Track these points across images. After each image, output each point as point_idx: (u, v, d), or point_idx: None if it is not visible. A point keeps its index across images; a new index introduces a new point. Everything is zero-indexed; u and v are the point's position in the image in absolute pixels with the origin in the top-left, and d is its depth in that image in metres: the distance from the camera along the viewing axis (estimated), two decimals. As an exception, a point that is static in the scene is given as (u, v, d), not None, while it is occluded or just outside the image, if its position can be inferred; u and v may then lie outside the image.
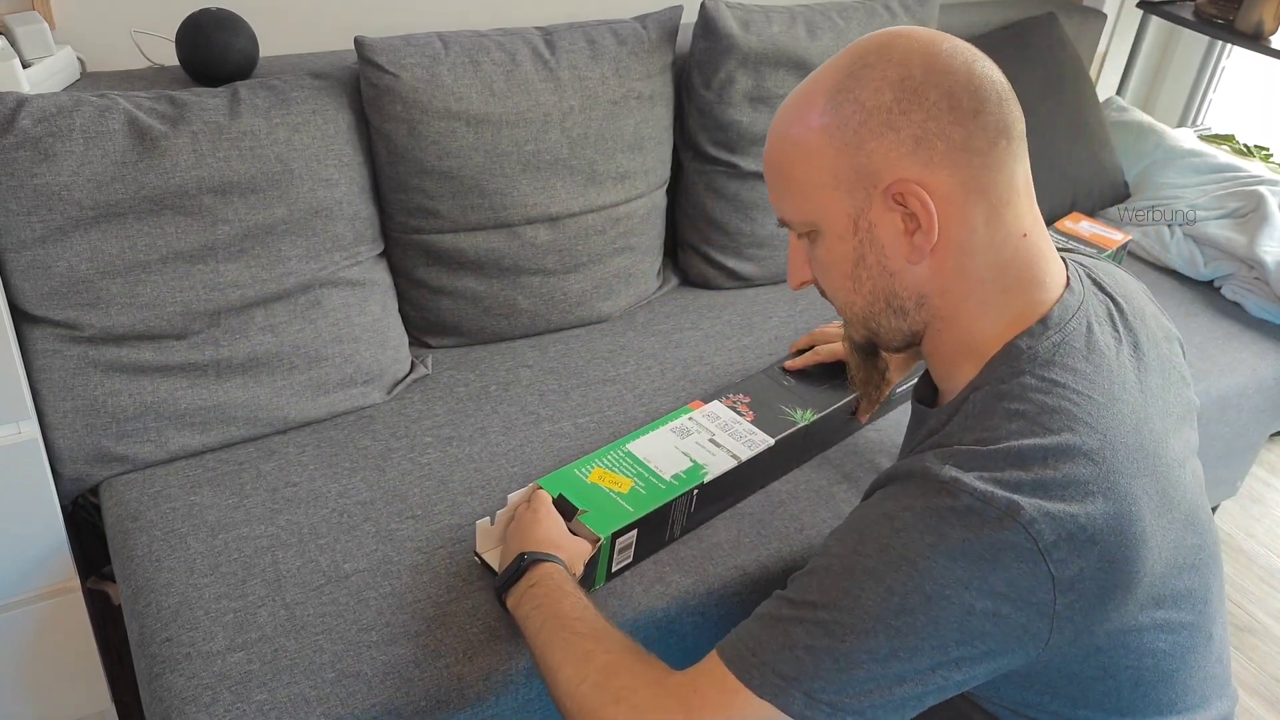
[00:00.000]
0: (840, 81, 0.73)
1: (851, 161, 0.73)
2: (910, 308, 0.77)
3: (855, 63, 0.74)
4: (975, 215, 0.72)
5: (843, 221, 0.75)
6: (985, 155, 0.71)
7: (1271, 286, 1.77)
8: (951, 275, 0.74)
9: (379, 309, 1.38)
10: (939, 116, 0.70)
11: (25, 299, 1.15)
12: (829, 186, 0.74)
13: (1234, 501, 2.10)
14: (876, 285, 0.77)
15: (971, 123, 0.71)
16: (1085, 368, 0.73)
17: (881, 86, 0.71)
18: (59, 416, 1.18)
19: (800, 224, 0.79)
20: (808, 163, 0.75)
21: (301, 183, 1.25)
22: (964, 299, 0.75)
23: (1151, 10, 2.20)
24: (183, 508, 1.16)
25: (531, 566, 0.95)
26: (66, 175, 1.12)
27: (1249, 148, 2.12)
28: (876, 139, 0.72)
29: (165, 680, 0.97)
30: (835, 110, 0.73)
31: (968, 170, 0.71)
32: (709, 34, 1.53)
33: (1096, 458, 0.68)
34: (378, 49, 1.30)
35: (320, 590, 1.06)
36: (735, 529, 1.19)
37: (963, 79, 0.71)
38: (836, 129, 0.73)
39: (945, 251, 0.73)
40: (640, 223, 1.57)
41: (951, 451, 0.70)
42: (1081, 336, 0.74)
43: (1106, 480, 0.68)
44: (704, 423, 1.22)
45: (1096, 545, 0.67)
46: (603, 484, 1.10)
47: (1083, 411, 0.70)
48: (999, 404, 0.72)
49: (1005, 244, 0.74)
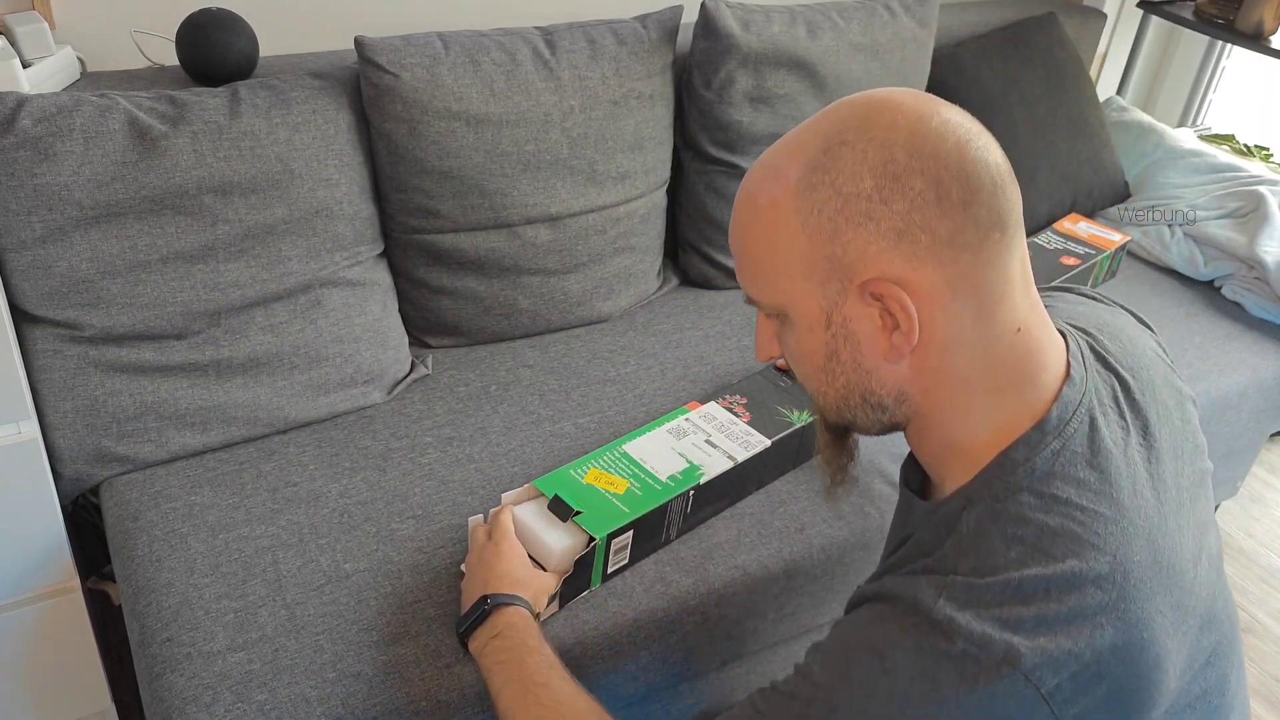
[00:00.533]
0: (815, 159, 0.65)
1: (826, 251, 0.65)
2: (889, 404, 0.70)
3: (833, 137, 0.65)
4: (963, 314, 0.65)
5: (814, 314, 0.68)
6: (976, 251, 0.64)
7: (1272, 286, 1.77)
8: (934, 375, 0.67)
9: (379, 309, 1.38)
10: (924, 208, 0.62)
11: (25, 299, 1.15)
12: (800, 275, 0.67)
13: (1234, 501, 2.10)
14: (851, 381, 0.70)
15: (961, 215, 0.63)
16: (1090, 477, 0.66)
17: (860, 170, 0.63)
18: (59, 416, 1.18)
19: (768, 307, 0.72)
20: (777, 247, 0.67)
21: (302, 183, 1.25)
22: (949, 399, 0.68)
23: (1151, 10, 2.20)
24: (183, 508, 1.16)
25: (495, 611, 0.93)
26: (67, 175, 1.12)
27: (1249, 148, 2.12)
28: (854, 229, 0.64)
29: (166, 680, 0.97)
30: (809, 193, 0.65)
31: (955, 267, 0.64)
32: (709, 34, 1.53)
33: (1105, 585, 0.62)
34: (378, 49, 1.30)
35: (321, 590, 1.07)
36: (735, 529, 1.20)
37: (953, 165, 0.62)
38: (810, 214, 0.65)
39: (928, 350, 0.66)
40: (640, 223, 1.57)
41: (947, 582, 0.64)
42: (1084, 438, 0.67)
43: (1117, 608, 0.62)
44: (700, 424, 1.22)
45: (1105, 680, 0.62)
46: (599, 485, 1.11)
47: (1089, 532, 0.63)
48: (995, 526, 0.65)
49: (997, 342, 0.67)
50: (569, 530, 1.05)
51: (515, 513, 1.06)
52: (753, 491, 1.25)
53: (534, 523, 1.05)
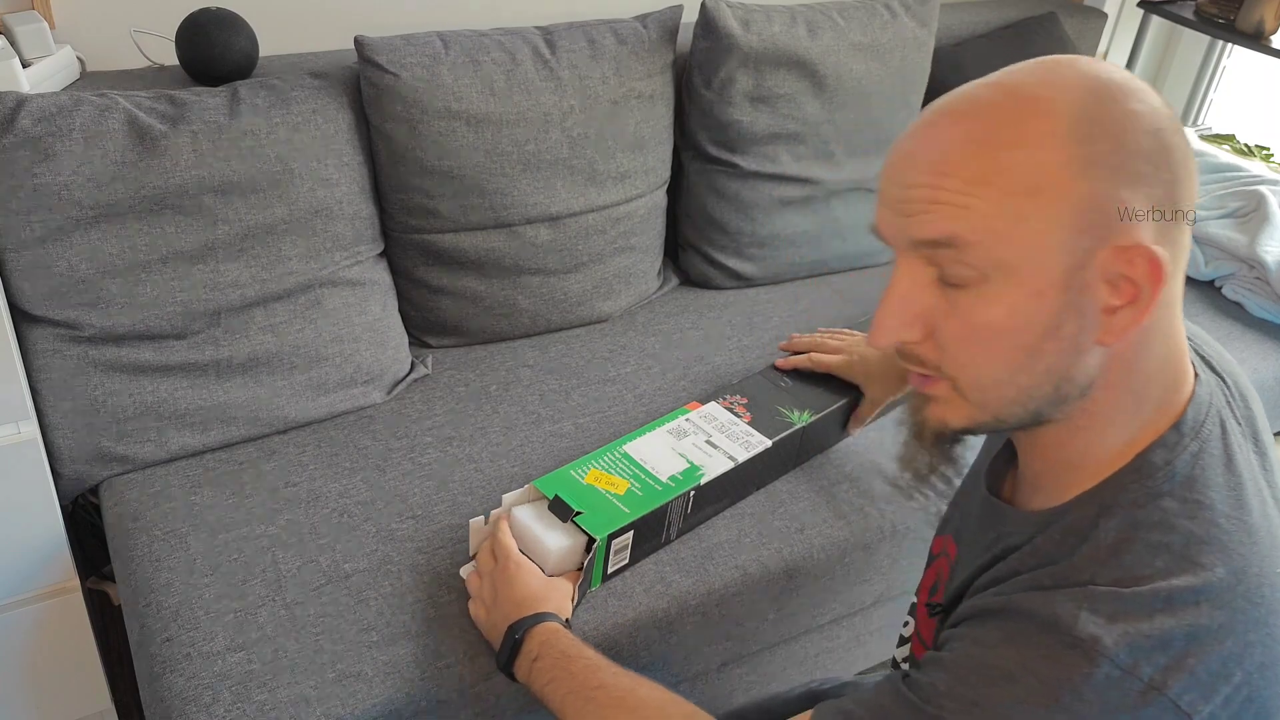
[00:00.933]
0: (1087, 103, 0.58)
1: (1099, 204, 0.57)
2: (1074, 397, 0.62)
3: (1093, 90, 0.58)
4: (1164, 300, 0.60)
5: (1054, 271, 0.58)
6: (1183, 232, 0.60)
7: (1272, 286, 1.77)
8: (1126, 365, 0.62)
9: (379, 309, 1.38)
10: (1179, 182, 0.59)
11: (25, 299, 1.15)
12: (1055, 222, 0.57)
13: (1234, 501, 2.09)
14: (1054, 365, 0.60)
15: (1190, 186, 0.60)
16: (1229, 482, 0.62)
17: (1139, 129, 0.57)
18: (59, 416, 1.18)
19: (976, 257, 0.59)
20: (1039, 182, 0.57)
21: (301, 182, 1.25)
22: (1123, 395, 0.63)
23: (1152, 10, 2.20)
24: (183, 507, 1.16)
25: (525, 637, 0.91)
26: (66, 175, 1.12)
27: (1249, 147, 2.12)
28: (1129, 188, 0.57)
29: (166, 680, 0.97)
30: (1090, 140, 0.57)
31: (1177, 247, 0.59)
32: (709, 34, 1.53)
33: (1255, 598, 0.59)
34: (378, 49, 1.30)
35: (321, 590, 1.06)
36: (736, 529, 1.19)
37: (1185, 143, 0.59)
38: (1091, 157, 0.57)
39: (1132, 336, 0.61)
40: (640, 223, 1.57)
41: (1086, 593, 0.59)
42: (1218, 440, 0.64)
43: (1265, 625, 0.59)
44: (701, 424, 1.22)
45: (1253, 704, 0.58)
46: (599, 485, 1.10)
47: (1234, 541, 0.60)
48: (1138, 534, 0.60)
49: (1175, 335, 0.63)
50: (567, 530, 1.04)
51: (513, 514, 1.05)
52: (753, 492, 1.25)
53: (531, 524, 1.04)
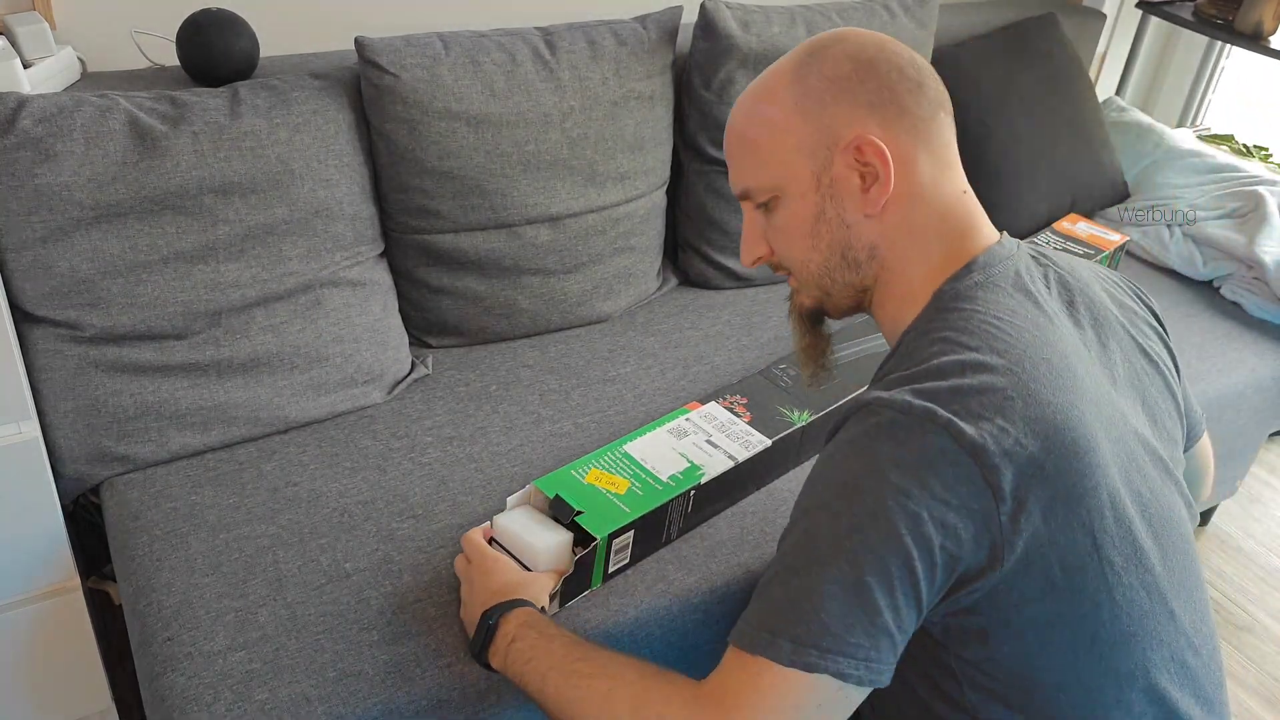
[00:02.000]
0: (801, 60, 0.82)
1: (816, 125, 0.81)
2: (863, 259, 0.83)
3: (813, 46, 0.83)
4: (922, 170, 0.81)
5: (806, 180, 0.82)
6: (928, 121, 0.81)
7: (1271, 286, 1.77)
8: (900, 227, 0.82)
9: (379, 309, 1.38)
10: (890, 85, 0.80)
11: (26, 299, 1.15)
12: (794, 150, 0.82)
13: (1233, 501, 2.10)
14: (834, 238, 0.83)
15: (917, 93, 0.81)
16: (1009, 302, 0.78)
17: (841, 60, 0.81)
18: (59, 416, 1.18)
19: (763, 190, 0.85)
20: (774, 128, 0.82)
21: (302, 183, 1.25)
22: (908, 248, 0.82)
23: (1151, 10, 2.21)
24: (184, 507, 1.16)
25: (500, 621, 0.91)
26: (67, 175, 1.12)
27: (1248, 148, 2.13)
28: (837, 104, 0.80)
29: (166, 679, 0.97)
30: (800, 83, 0.81)
31: (914, 131, 0.80)
32: (709, 34, 1.53)
33: (1015, 367, 0.73)
34: (378, 49, 1.31)
35: (321, 590, 1.07)
36: (738, 527, 1.20)
37: (906, 58, 0.82)
38: (801, 97, 0.81)
39: (895, 204, 0.81)
40: (640, 223, 1.57)
41: (880, 384, 0.77)
42: (1008, 278, 0.80)
43: (1025, 388, 0.72)
44: (701, 424, 1.22)
45: (1025, 449, 0.70)
46: (600, 485, 1.11)
47: (1000, 331, 0.75)
48: (923, 338, 0.78)
49: (948, 197, 0.82)
50: (552, 528, 1.04)
51: (496, 522, 1.04)
52: (753, 491, 1.25)
53: (516, 527, 1.03)
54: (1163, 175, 2.01)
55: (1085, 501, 0.72)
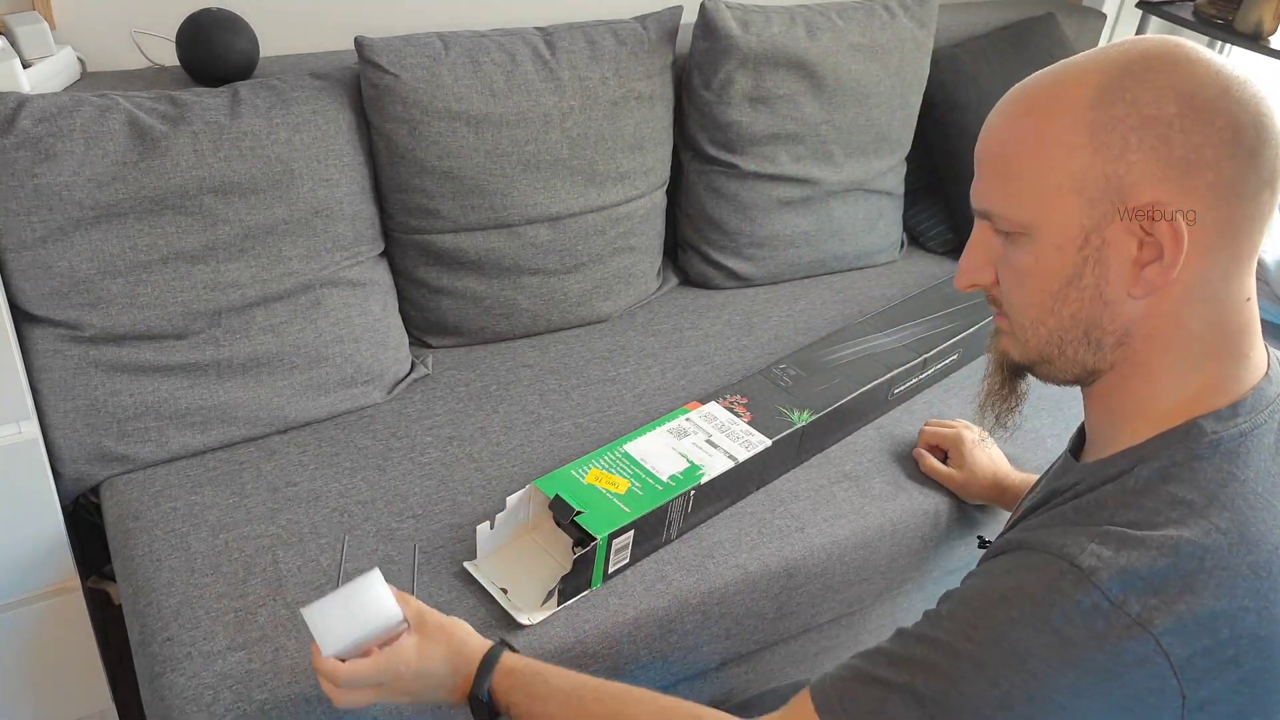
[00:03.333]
0: (1116, 79, 0.64)
1: (1108, 169, 0.64)
2: (1109, 344, 0.68)
3: (1137, 64, 0.64)
4: (1216, 264, 0.65)
5: (1072, 231, 0.66)
6: (1248, 201, 0.64)
7: (1271, 286, 1.77)
8: (1164, 321, 0.66)
9: (379, 309, 1.38)
10: (1218, 146, 0.62)
11: (26, 299, 1.15)
12: (1068, 188, 0.65)
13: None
14: (1083, 312, 0.68)
15: (1248, 162, 0.63)
16: (1270, 467, 0.65)
17: (1167, 95, 0.63)
18: (59, 416, 1.18)
19: (1010, 221, 0.69)
20: (1050, 154, 0.65)
21: (302, 183, 1.25)
22: (1166, 350, 0.67)
23: (1151, 10, 2.21)
24: (183, 507, 1.16)
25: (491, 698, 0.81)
26: (67, 175, 1.12)
27: (1248, 148, 2.12)
28: (1144, 152, 0.63)
29: (166, 679, 0.97)
30: (1107, 107, 0.64)
31: (1226, 211, 0.63)
32: (709, 34, 1.53)
33: (1261, 571, 0.61)
34: (378, 49, 1.31)
35: (321, 590, 1.06)
36: (736, 527, 1.20)
37: (1252, 112, 0.63)
38: (1102, 127, 0.64)
39: (1169, 295, 0.65)
40: (640, 223, 1.57)
41: (1099, 531, 0.63)
42: (1272, 432, 0.67)
43: (1266, 599, 0.61)
44: (701, 423, 1.22)
45: (1240, 668, 0.61)
46: (600, 485, 1.11)
47: (1256, 516, 0.63)
48: (1164, 486, 0.64)
49: (1231, 304, 0.66)
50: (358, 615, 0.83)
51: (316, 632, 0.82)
52: (753, 491, 1.25)
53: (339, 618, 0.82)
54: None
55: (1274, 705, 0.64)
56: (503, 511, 1.08)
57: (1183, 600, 0.60)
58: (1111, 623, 0.60)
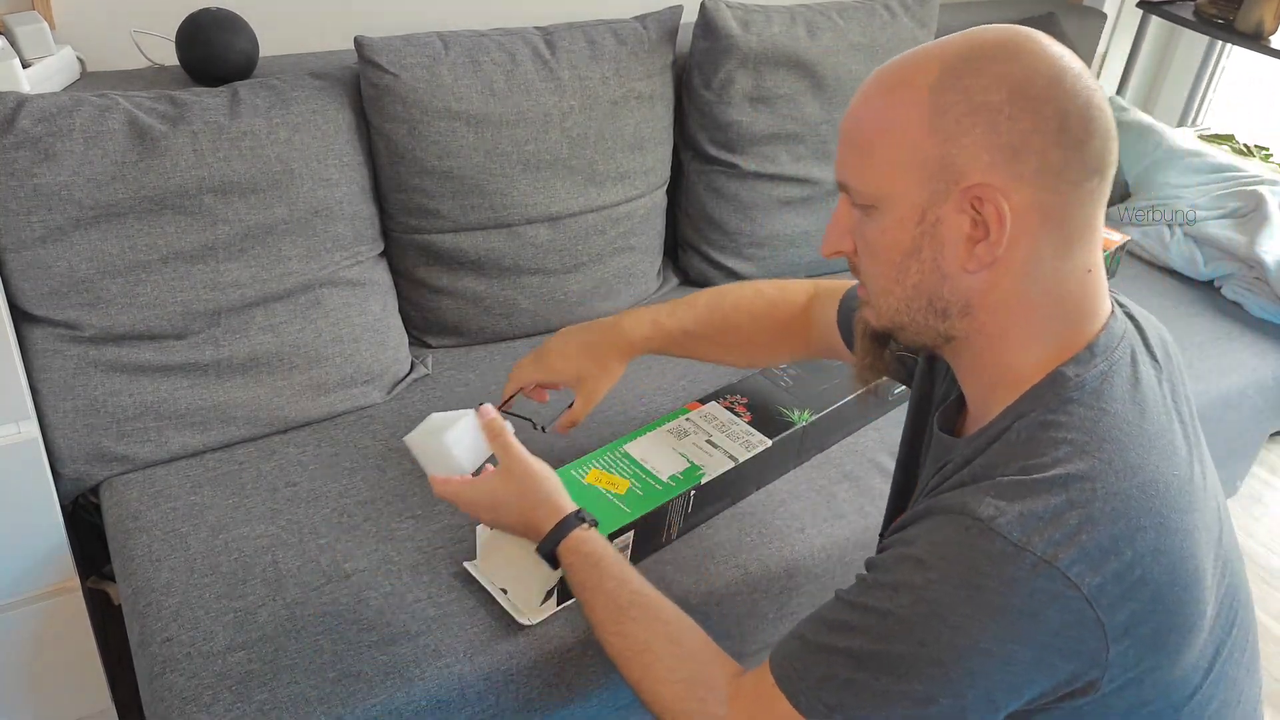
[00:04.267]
0: (954, 66, 0.68)
1: (941, 150, 0.68)
2: (954, 312, 0.73)
3: (976, 53, 0.68)
4: (1045, 243, 0.69)
5: (909, 207, 0.70)
6: (1074, 187, 0.68)
7: (1271, 286, 1.77)
8: (1005, 295, 0.71)
9: (379, 309, 1.38)
10: (1045, 134, 0.66)
11: (25, 299, 1.15)
12: (907, 168, 0.70)
13: (1234, 501, 2.10)
14: (923, 282, 0.72)
15: (1074, 151, 0.67)
16: (1134, 397, 0.70)
17: (998, 84, 0.67)
18: (59, 416, 1.18)
19: (861, 195, 0.73)
20: (894, 134, 0.70)
21: (301, 183, 1.25)
22: (1012, 322, 0.72)
23: (1151, 10, 2.21)
24: (183, 507, 1.16)
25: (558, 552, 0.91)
26: (66, 175, 1.12)
27: (1249, 148, 2.12)
28: (974, 136, 0.67)
29: (166, 680, 0.97)
30: (943, 92, 0.68)
31: (1053, 196, 0.68)
32: (709, 34, 1.53)
33: (1149, 490, 0.65)
34: (378, 49, 1.31)
35: (321, 590, 1.06)
36: (736, 528, 1.20)
37: (1080, 105, 0.67)
38: (938, 111, 0.68)
39: (1005, 270, 0.70)
40: (640, 223, 1.57)
41: (994, 484, 0.67)
42: (1127, 365, 0.72)
43: (1159, 513, 0.65)
44: (701, 424, 1.22)
45: (1148, 586, 0.64)
46: (600, 485, 1.11)
47: (1134, 443, 0.67)
48: (1045, 432, 0.68)
49: (1069, 277, 0.71)
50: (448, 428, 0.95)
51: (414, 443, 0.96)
52: (753, 491, 1.25)
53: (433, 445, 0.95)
54: (1163, 175, 2.01)
55: (1194, 627, 0.67)
56: None
57: (1083, 531, 0.63)
58: (1019, 564, 0.63)
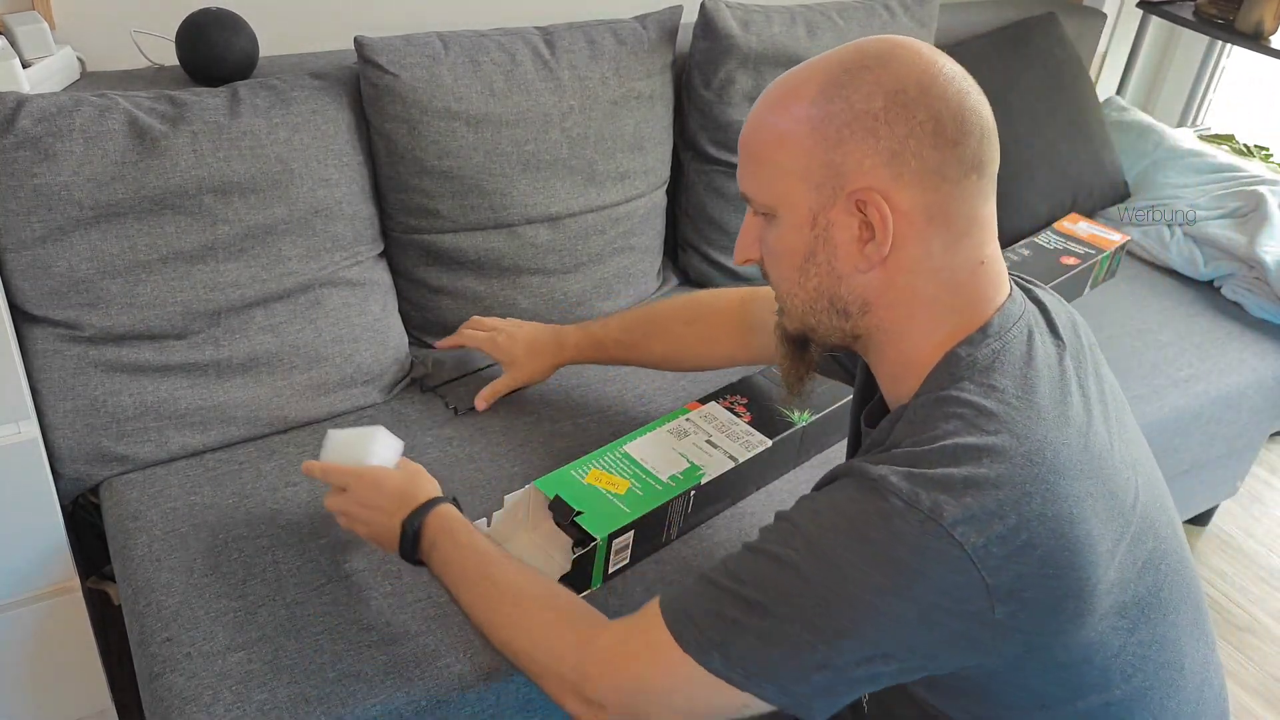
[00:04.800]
0: (835, 77, 0.72)
1: (825, 158, 0.72)
2: (854, 311, 0.77)
3: (854, 63, 0.72)
4: (932, 239, 0.73)
5: (802, 213, 0.75)
6: (954, 185, 0.72)
7: (1271, 286, 1.77)
8: (900, 291, 0.74)
9: (379, 309, 1.38)
10: (920, 137, 0.70)
11: (25, 299, 1.15)
12: (797, 176, 0.74)
13: (1234, 501, 2.10)
14: (822, 284, 0.77)
15: (950, 150, 0.71)
16: (1026, 373, 0.73)
17: (874, 92, 0.71)
18: (59, 416, 1.18)
19: (760, 204, 0.78)
20: (783, 148, 0.74)
21: (301, 183, 1.25)
22: (910, 316, 0.75)
23: (1151, 10, 2.21)
24: (183, 507, 1.16)
25: (423, 527, 0.94)
26: (66, 175, 1.12)
27: (1249, 148, 2.12)
28: (856, 142, 0.71)
29: (165, 680, 0.97)
30: (824, 104, 0.72)
31: (934, 195, 0.71)
32: (709, 34, 1.53)
33: (1035, 459, 0.68)
34: (378, 49, 1.31)
35: (321, 590, 1.07)
36: (735, 528, 1.20)
37: (953, 107, 0.71)
38: (819, 122, 0.72)
39: (896, 268, 0.74)
40: (640, 223, 1.57)
41: (889, 455, 0.71)
42: (1022, 344, 0.75)
43: (1045, 480, 0.67)
44: (701, 424, 1.22)
45: (1035, 549, 0.66)
46: (600, 485, 1.11)
47: (1022, 416, 0.70)
48: (937, 409, 0.72)
49: (959, 270, 0.74)
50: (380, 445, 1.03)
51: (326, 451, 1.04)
52: (753, 491, 1.25)
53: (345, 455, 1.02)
54: (1163, 175, 2.01)
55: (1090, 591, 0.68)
56: (500, 510, 1.07)
57: (968, 494, 0.66)
58: (907, 520, 0.66)
